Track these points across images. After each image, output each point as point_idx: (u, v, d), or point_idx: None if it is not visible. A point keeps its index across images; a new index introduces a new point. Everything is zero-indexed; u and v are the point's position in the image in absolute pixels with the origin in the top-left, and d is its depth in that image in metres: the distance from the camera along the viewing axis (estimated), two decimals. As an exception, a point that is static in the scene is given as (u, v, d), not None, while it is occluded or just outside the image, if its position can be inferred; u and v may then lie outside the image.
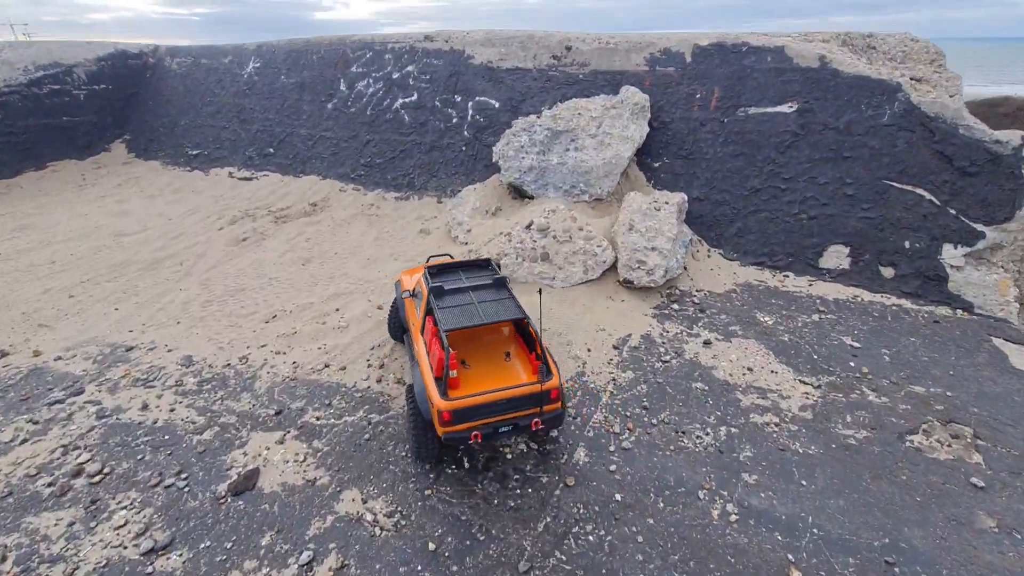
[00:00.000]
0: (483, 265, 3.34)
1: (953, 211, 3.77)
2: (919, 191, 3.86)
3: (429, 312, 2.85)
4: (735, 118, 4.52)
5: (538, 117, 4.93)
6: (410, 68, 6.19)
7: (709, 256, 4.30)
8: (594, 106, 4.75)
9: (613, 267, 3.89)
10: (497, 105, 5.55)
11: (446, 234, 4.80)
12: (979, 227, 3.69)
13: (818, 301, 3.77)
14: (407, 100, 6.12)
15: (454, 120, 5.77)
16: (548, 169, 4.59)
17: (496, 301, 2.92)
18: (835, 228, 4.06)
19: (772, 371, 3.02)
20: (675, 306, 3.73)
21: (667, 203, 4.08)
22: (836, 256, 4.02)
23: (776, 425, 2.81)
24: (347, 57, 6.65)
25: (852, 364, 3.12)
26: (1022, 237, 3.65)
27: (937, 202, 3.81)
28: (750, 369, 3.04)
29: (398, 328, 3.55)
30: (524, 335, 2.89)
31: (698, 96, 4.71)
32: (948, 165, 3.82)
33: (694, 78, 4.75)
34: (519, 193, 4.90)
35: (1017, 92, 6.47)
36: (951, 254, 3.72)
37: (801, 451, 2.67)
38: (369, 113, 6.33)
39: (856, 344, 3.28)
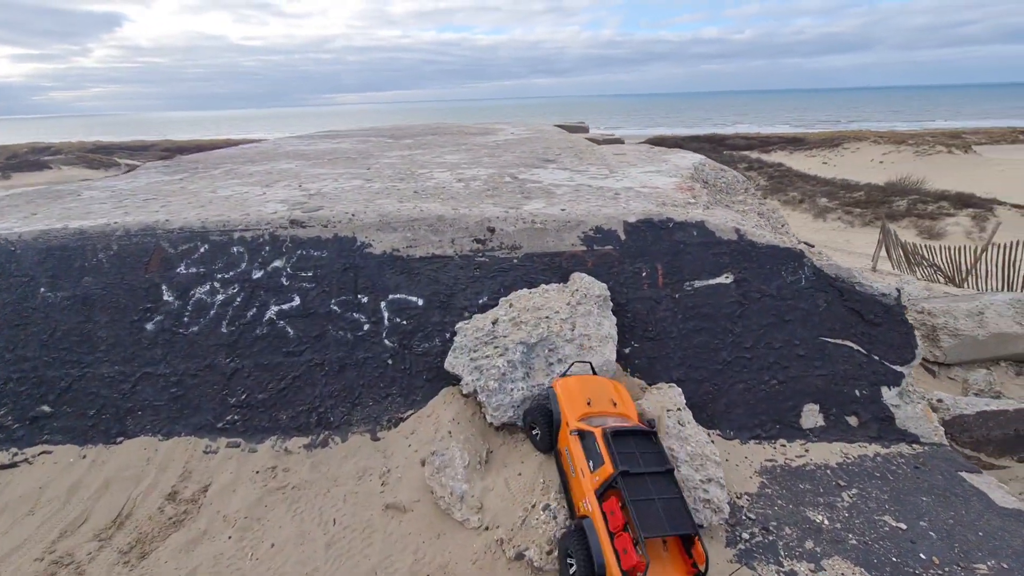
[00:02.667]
0: (650, 437, 3.13)
1: (877, 358, 4.50)
2: (848, 343, 4.50)
3: (617, 495, 2.71)
4: (685, 293, 4.65)
5: (495, 324, 4.25)
6: (278, 264, 4.73)
7: (712, 441, 4.25)
8: (555, 303, 4.32)
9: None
10: (421, 303, 4.62)
11: (434, 509, 3.62)
12: (897, 368, 4.48)
13: (828, 472, 4.01)
14: (287, 307, 4.64)
15: (365, 327, 4.58)
16: (539, 393, 3.95)
17: (670, 501, 2.73)
18: (801, 389, 4.44)
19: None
20: (744, 535, 3.50)
21: (680, 411, 3.89)
22: (811, 414, 4.38)
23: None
24: (165, 252, 4.73)
25: (922, 556, 3.33)
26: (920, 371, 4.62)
27: (864, 351, 4.49)
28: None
29: (547, 438, 3.54)
30: None
31: (644, 275, 4.72)
32: (860, 319, 4.57)
33: (635, 256, 4.76)
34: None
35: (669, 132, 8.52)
36: (888, 395, 4.42)
37: None
38: (227, 330, 4.58)
39: (902, 525, 3.54)
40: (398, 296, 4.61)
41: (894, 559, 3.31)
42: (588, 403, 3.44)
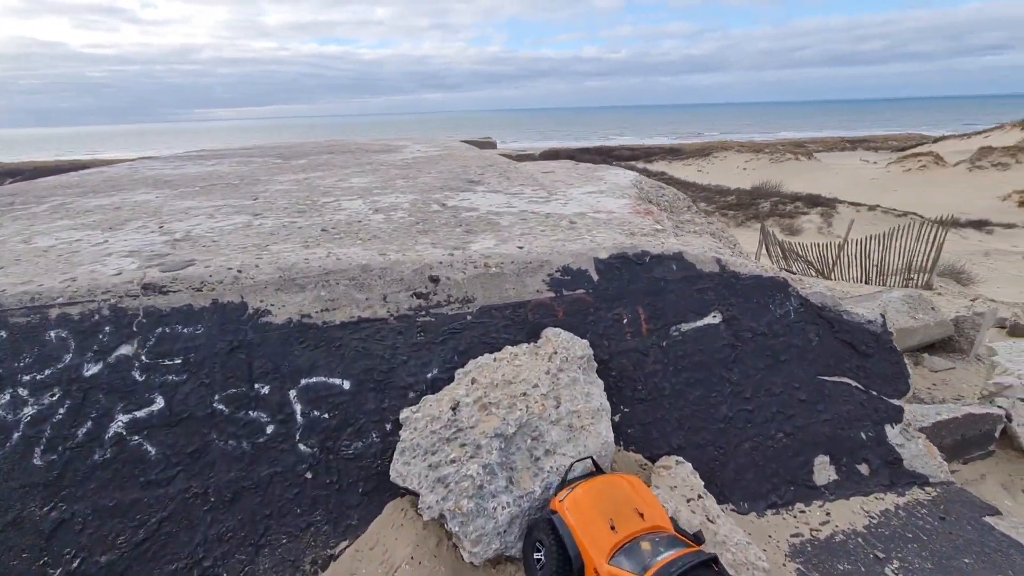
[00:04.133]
0: (710, 566, 2.31)
1: (875, 393, 4.10)
2: (846, 380, 4.06)
3: None
4: (672, 340, 3.93)
5: (455, 410, 3.17)
6: (126, 351, 3.23)
7: (749, 538, 3.53)
8: (530, 372, 3.36)
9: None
10: (347, 386, 3.39)
11: None
12: (895, 402, 4.11)
13: (860, 541, 3.46)
14: (143, 414, 3.15)
15: (269, 430, 3.26)
16: (532, 507, 2.93)
17: None
18: (810, 439, 3.90)
19: None
20: None
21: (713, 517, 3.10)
22: (823, 468, 3.85)
23: None
24: (-76, 350, 3.01)
25: None
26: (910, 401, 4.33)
27: (862, 387, 4.07)
28: None
29: None
30: None
31: (625, 321, 3.93)
32: (853, 351, 4.16)
33: (612, 299, 3.95)
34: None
35: (561, 145, 8.46)
36: (892, 434, 4.02)
37: None
38: (42, 462, 2.98)
39: None
40: (314, 380, 3.36)
41: None
42: (612, 526, 2.50)
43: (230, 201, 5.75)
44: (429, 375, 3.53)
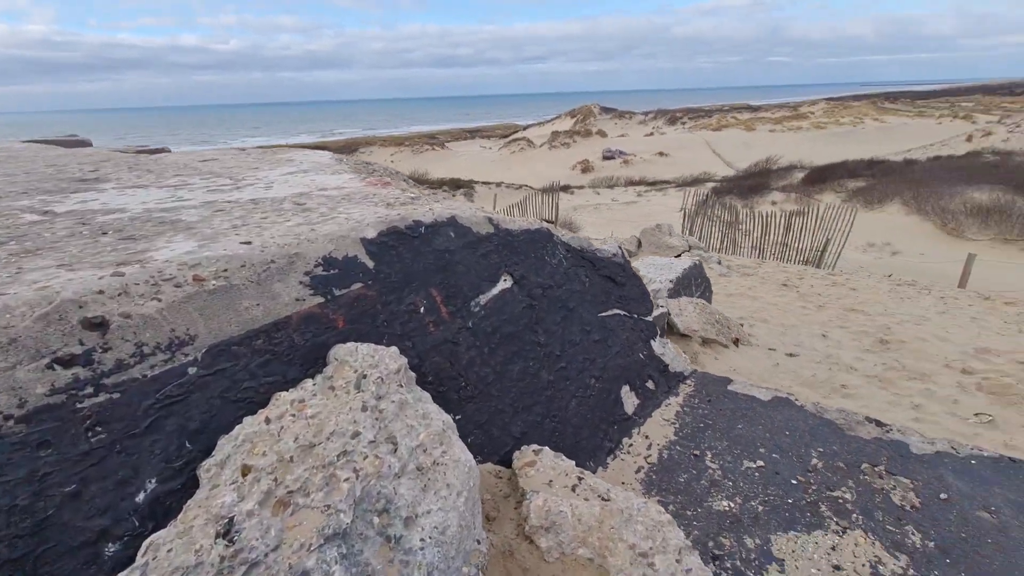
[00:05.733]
0: None
1: (636, 315, 4.50)
2: (616, 311, 4.33)
3: None
4: (476, 317, 3.31)
5: (227, 537, 1.73)
6: None
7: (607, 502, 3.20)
8: (336, 419, 2.15)
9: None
10: None
11: None
12: (648, 319, 4.63)
13: (677, 447, 3.72)
14: None
15: None
16: None
17: None
18: (611, 376, 3.97)
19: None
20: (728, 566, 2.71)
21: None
22: (628, 398, 4.00)
23: None
24: None
25: (781, 476, 3.42)
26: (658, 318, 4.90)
27: (627, 314, 4.42)
28: None
29: None
30: None
31: (423, 310, 3.05)
32: (613, 283, 4.45)
33: (399, 286, 2.99)
34: None
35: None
36: (656, 347, 4.51)
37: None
38: None
39: (760, 463, 3.57)
40: None
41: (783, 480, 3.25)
42: None
43: None
44: (140, 497, 1.90)
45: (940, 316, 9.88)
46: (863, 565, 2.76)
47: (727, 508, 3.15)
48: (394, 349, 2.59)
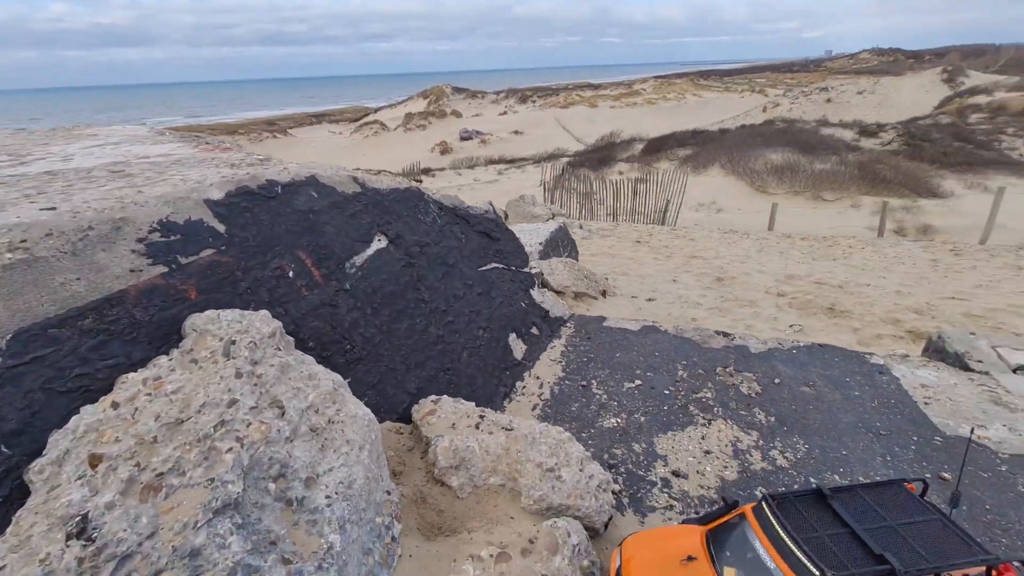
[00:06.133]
0: None
1: (514, 268, 4.64)
2: (495, 264, 4.43)
3: None
4: (354, 279, 3.14)
5: (83, 537, 1.44)
6: None
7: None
8: (209, 389, 1.88)
9: None
10: None
11: None
12: (526, 270, 4.79)
13: (565, 383, 3.95)
14: None
15: None
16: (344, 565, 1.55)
17: None
18: (497, 325, 4.06)
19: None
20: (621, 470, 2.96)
21: None
22: (516, 345, 4.12)
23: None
24: None
25: (662, 390, 3.84)
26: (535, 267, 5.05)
27: (505, 266, 4.54)
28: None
29: None
30: None
31: (292, 274, 2.79)
32: (489, 239, 4.52)
33: (262, 250, 2.70)
34: None
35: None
36: (536, 295, 4.70)
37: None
38: None
39: (638, 383, 3.96)
40: None
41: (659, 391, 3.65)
42: None
43: None
44: (-54, 520, 1.51)
45: (758, 254, 11.69)
46: (726, 445, 3.21)
47: (615, 424, 3.44)
48: (265, 313, 2.35)
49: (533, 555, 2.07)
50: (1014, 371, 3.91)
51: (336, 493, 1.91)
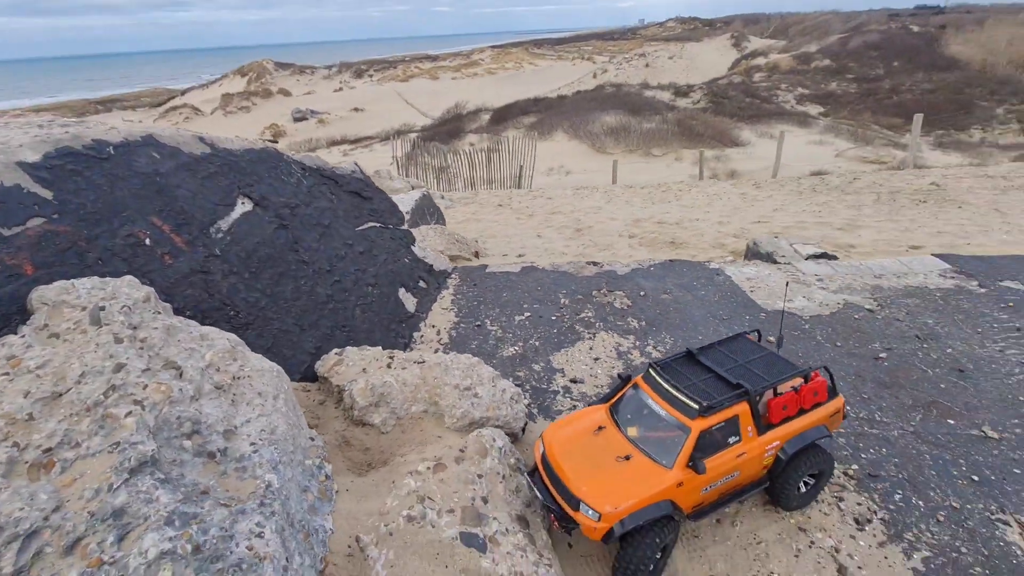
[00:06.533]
0: None
1: (391, 226, 4.61)
2: (372, 223, 4.37)
3: None
4: (218, 241, 2.90)
5: None
6: None
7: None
8: (84, 360, 1.65)
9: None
10: None
11: None
12: (404, 228, 4.78)
13: (461, 328, 4.12)
14: None
15: None
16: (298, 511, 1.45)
17: None
18: (386, 281, 4.03)
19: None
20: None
21: None
22: (407, 299, 4.15)
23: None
24: None
25: (553, 319, 4.21)
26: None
27: (382, 224, 4.51)
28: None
29: None
30: None
31: (148, 242, 2.47)
32: (361, 199, 4.41)
33: (107, 217, 2.35)
34: None
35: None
36: (418, 251, 4.73)
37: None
38: None
39: (527, 314, 4.26)
40: None
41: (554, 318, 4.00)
42: None
43: None
44: None
45: (608, 205, 12.86)
46: (611, 351, 3.65)
47: (514, 352, 3.69)
48: (130, 278, 2.09)
49: (466, 461, 2.22)
50: (806, 259, 4.98)
51: (260, 440, 1.84)
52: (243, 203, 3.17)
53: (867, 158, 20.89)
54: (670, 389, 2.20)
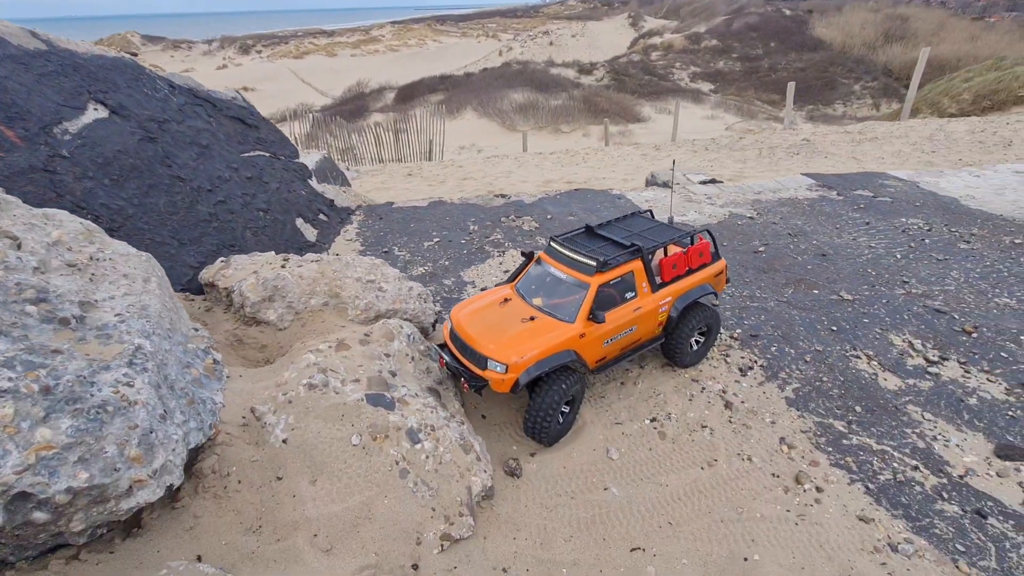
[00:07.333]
0: None
1: (283, 157, 4.31)
2: (260, 152, 4.08)
3: None
4: (66, 143, 2.54)
5: None
6: None
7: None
8: None
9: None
10: None
11: None
12: (299, 161, 4.50)
13: (363, 261, 3.98)
14: None
15: None
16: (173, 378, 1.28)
17: None
18: (280, 209, 3.78)
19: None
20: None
21: None
22: (306, 229, 3.91)
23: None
24: None
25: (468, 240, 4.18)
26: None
27: (272, 154, 4.22)
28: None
29: None
30: None
31: None
32: (246, 126, 4.07)
33: None
34: None
35: None
36: (316, 186, 4.48)
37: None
38: None
39: (434, 236, 4.21)
40: None
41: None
42: None
43: None
44: None
45: (519, 169, 12.98)
46: (517, 262, 3.70)
47: (424, 271, 3.63)
48: None
49: (372, 344, 2.15)
50: (697, 184, 5.34)
51: (128, 312, 1.65)
52: (96, 109, 2.80)
53: (752, 130, 22.87)
54: (570, 254, 2.27)
